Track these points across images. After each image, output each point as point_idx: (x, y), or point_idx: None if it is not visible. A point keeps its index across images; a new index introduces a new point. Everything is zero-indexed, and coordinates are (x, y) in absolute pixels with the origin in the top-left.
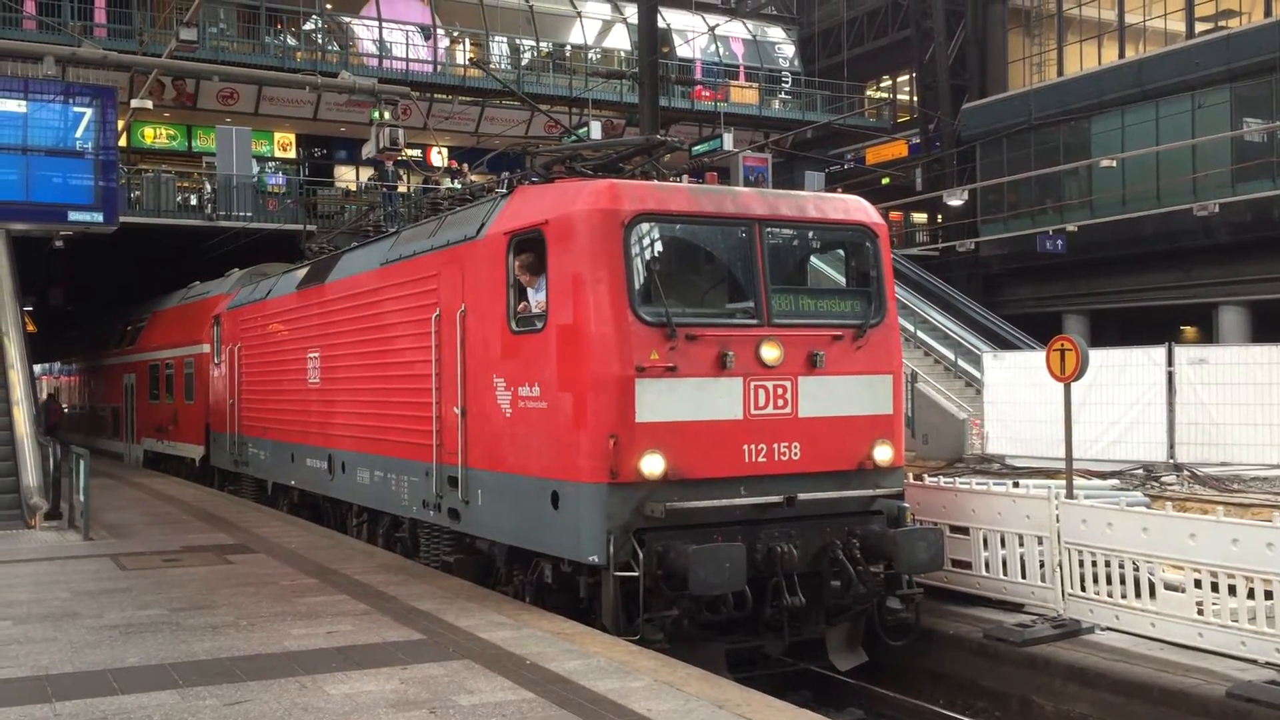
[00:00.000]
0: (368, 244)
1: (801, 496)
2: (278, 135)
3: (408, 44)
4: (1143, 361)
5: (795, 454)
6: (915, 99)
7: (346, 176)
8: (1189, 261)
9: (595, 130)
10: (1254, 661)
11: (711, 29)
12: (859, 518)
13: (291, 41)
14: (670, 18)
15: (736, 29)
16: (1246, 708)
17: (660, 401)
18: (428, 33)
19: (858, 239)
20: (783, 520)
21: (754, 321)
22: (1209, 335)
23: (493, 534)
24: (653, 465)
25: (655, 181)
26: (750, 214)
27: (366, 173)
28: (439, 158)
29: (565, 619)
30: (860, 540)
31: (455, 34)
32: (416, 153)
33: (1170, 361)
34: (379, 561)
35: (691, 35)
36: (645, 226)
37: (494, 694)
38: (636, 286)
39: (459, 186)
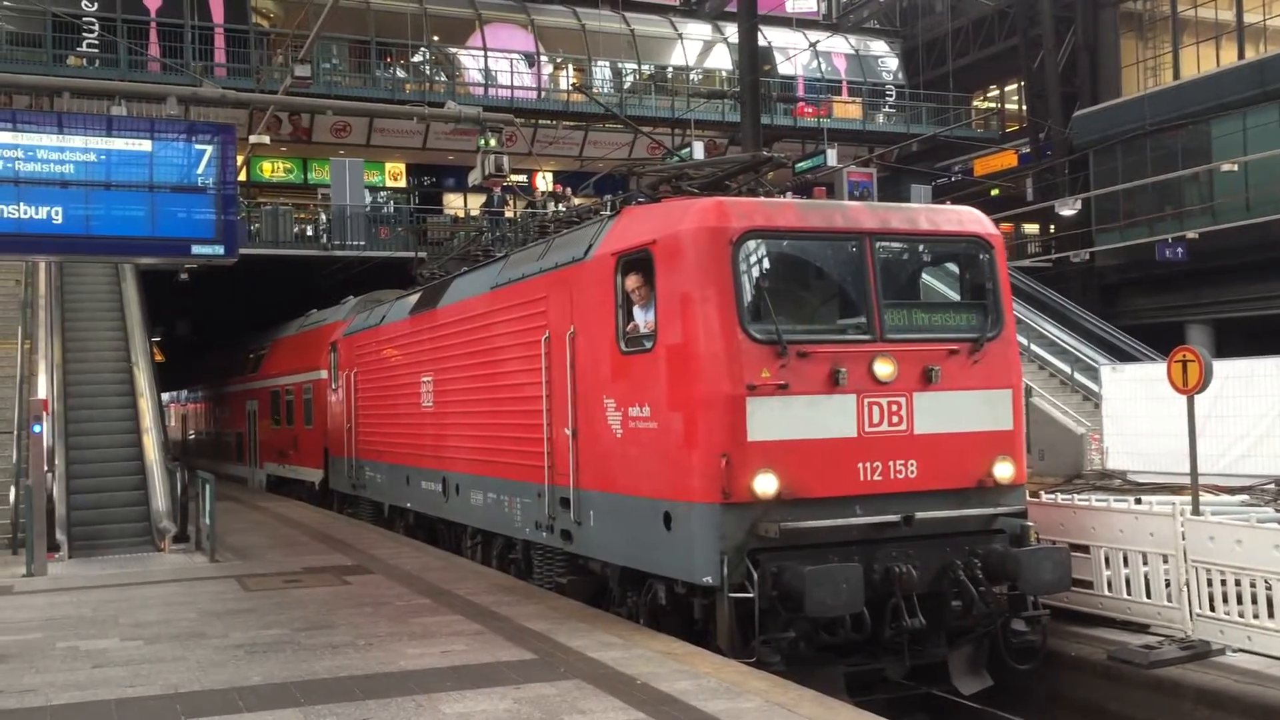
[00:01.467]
0: (477, 268)
1: (919, 515)
2: (389, 165)
3: (512, 72)
4: (1271, 371)
5: (912, 472)
6: (1024, 108)
7: (455, 203)
8: None
9: (698, 150)
10: None
11: (813, 45)
12: (980, 537)
13: (401, 74)
14: (771, 36)
15: (838, 44)
16: None
17: (772, 420)
18: (531, 60)
19: (972, 250)
20: (900, 540)
21: (866, 337)
22: None
23: (605, 555)
24: (765, 485)
25: (762, 198)
26: (860, 228)
27: (476, 199)
28: (544, 182)
29: (674, 639)
30: (982, 560)
31: (559, 60)
32: (522, 178)
33: None
34: (491, 582)
35: (793, 52)
36: (753, 244)
37: (605, 714)
38: (746, 304)
39: (562, 210)
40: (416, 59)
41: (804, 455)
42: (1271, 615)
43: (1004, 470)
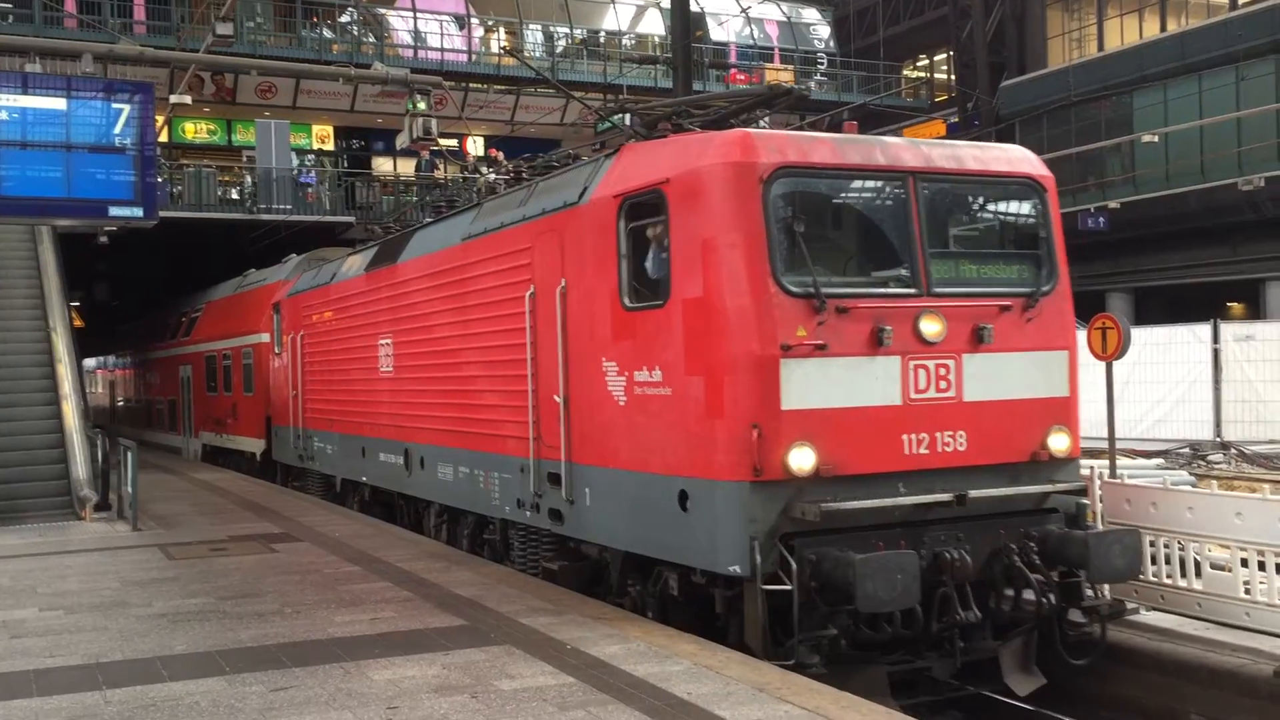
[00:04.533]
0: (445, 219)
1: (972, 494)
2: (316, 128)
3: (442, 34)
4: (1188, 339)
5: (961, 444)
6: (953, 78)
7: (384, 167)
8: (1235, 237)
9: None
10: None
11: (744, 10)
12: (1033, 517)
13: (328, 34)
14: (704, 1)
15: (771, 11)
16: None
17: (809, 385)
18: (462, 22)
19: (1024, 194)
20: (948, 521)
21: (911, 290)
22: (1256, 312)
23: (604, 538)
24: (802, 460)
25: (791, 131)
26: (903, 166)
27: (406, 164)
28: (475, 147)
29: (605, 604)
30: (1038, 543)
31: (490, 23)
32: (453, 142)
33: (1216, 339)
34: (422, 549)
35: (725, 18)
36: (786, 182)
37: (534, 678)
38: (778, 252)
39: (493, 177)
40: (344, 19)
41: (843, 426)
42: (1184, 575)
43: (1059, 442)
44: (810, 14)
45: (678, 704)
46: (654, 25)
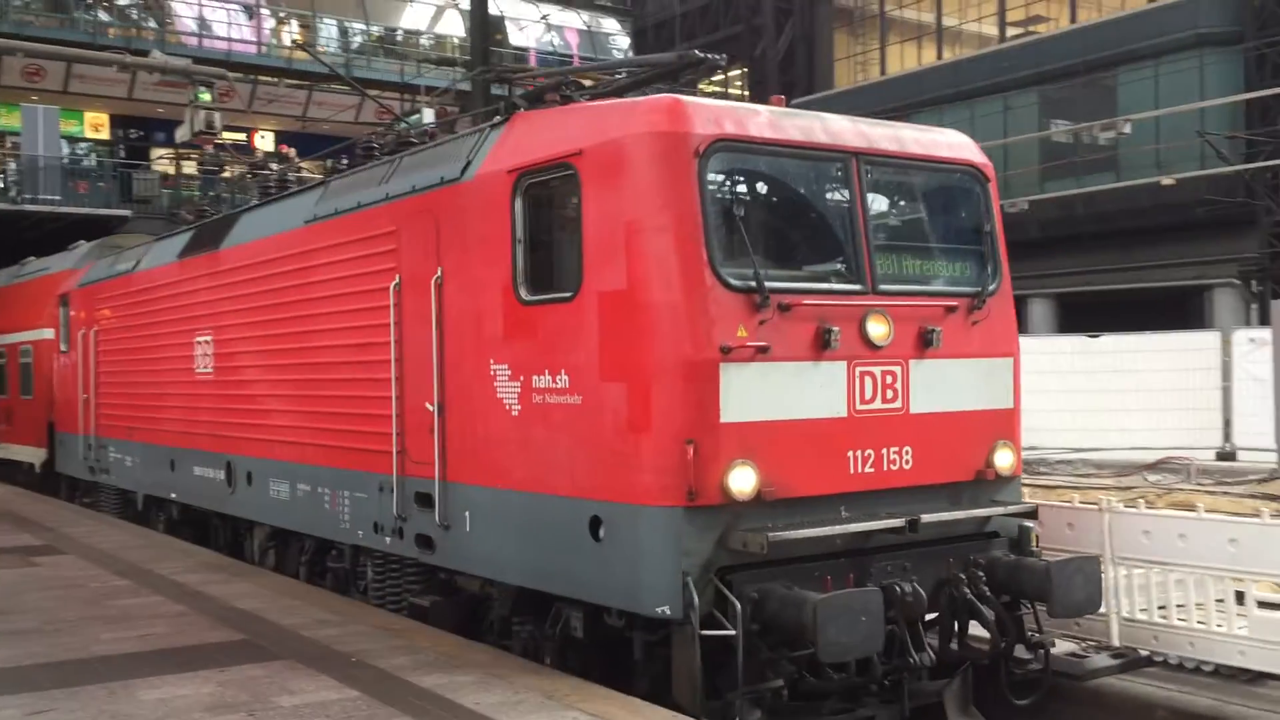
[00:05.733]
0: (282, 199)
1: (925, 518)
2: (89, 115)
3: (230, 23)
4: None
5: (906, 462)
6: (747, 95)
7: (165, 159)
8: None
9: (428, 116)
10: None
11: (544, 18)
12: (974, 543)
13: (104, 17)
14: (504, 5)
15: (571, 19)
16: None
17: (750, 394)
18: (251, 12)
19: (967, 182)
20: (892, 549)
21: (856, 287)
22: (1022, 326)
23: (489, 570)
24: (743, 481)
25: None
26: (846, 145)
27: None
28: (264, 142)
29: (392, 614)
30: (986, 572)
31: (281, 14)
32: (241, 136)
33: None
34: (199, 560)
35: (525, 24)
36: (724, 157)
37: (317, 693)
38: (716, 238)
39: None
40: (122, 1)
41: (785, 441)
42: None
43: (1004, 459)
44: (610, 24)
45: (465, 714)
46: (453, 26)
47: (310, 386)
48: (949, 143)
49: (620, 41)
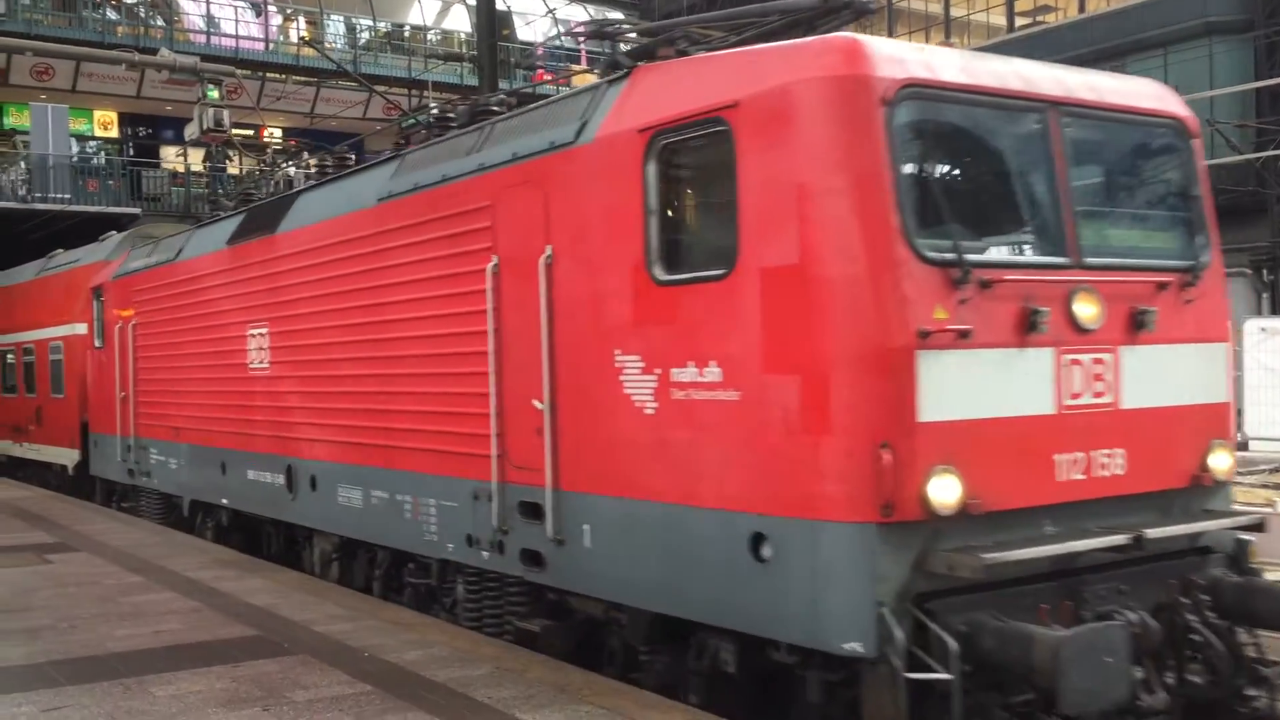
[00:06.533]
0: (345, 177)
1: (1150, 533)
2: (98, 113)
3: (237, 20)
4: None
5: (1119, 466)
6: None
7: (175, 157)
8: None
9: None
10: None
11: (551, 11)
12: (1189, 560)
13: (112, 15)
14: (511, 1)
15: (578, 12)
16: None
17: (950, 387)
18: (259, 9)
19: (1170, 139)
20: (1105, 570)
21: (1061, 260)
22: None
23: (614, 592)
24: (946, 491)
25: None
26: (1042, 94)
27: (198, 153)
28: (272, 138)
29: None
30: (1211, 594)
31: (289, 11)
32: (249, 133)
33: None
34: (212, 557)
35: (532, 18)
36: (915, 106)
37: (330, 687)
38: (909, 203)
39: (293, 170)
40: (131, 0)
41: (989, 444)
42: None
43: (1221, 461)
44: (617, 18)
45: (478, 708)
46: (460, 21)
47: (387, 383)
48: (1150, 92)
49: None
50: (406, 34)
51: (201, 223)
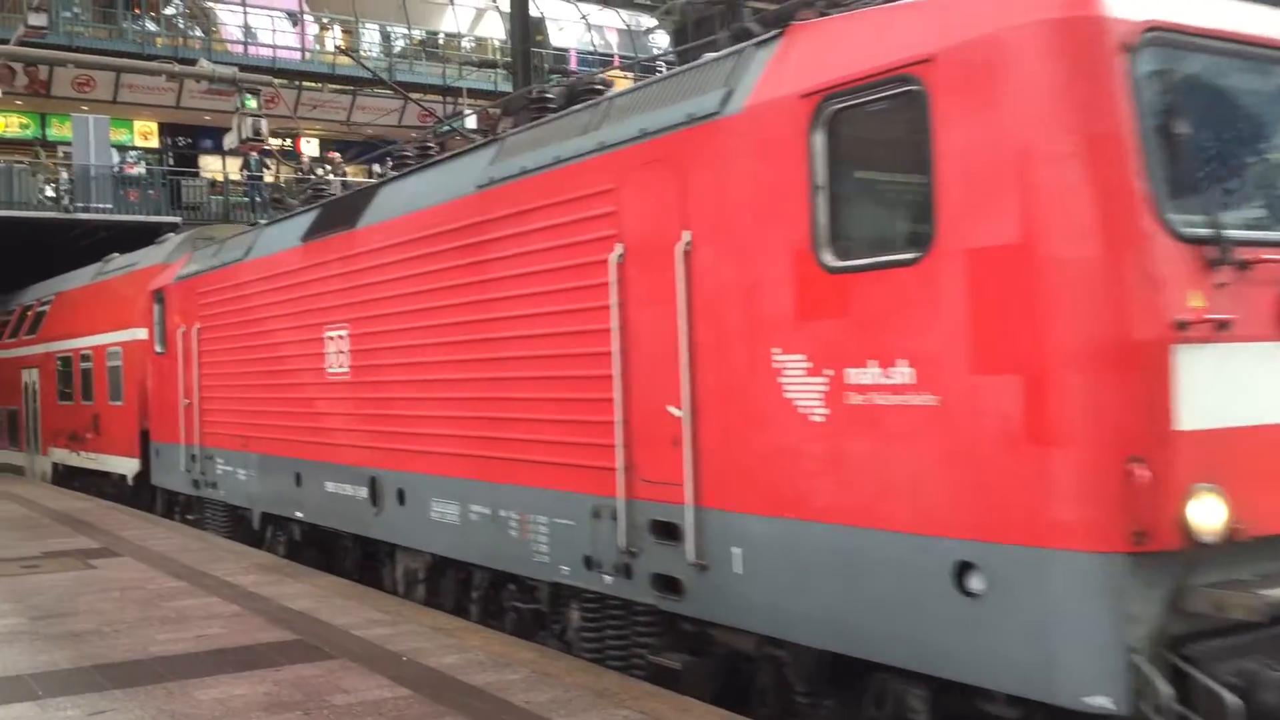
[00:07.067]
0: (435, 164)
1: None
2: (138, 124)
3: (274, 30)
4: None
5: None
6: None
7: (213, 166)
8: None
9: (471, 121)
10: None
11: (584, 17)
12: None
13: (152, 27)
14: (545, 6)
15: (611, 18)
16: None
17: (1210, 389)
18: (295, 18)
19: None
20: None
21: None
22: None
23: (771, 625)
24: (1211, 514)
25: None
26: None
27: (236, 162)
28: (309, 147)
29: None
30: None
31: (324, 20)
32: (285, 142)
33: None
34: (252, 561)
35: (565, 24)
36: (1160, 54)
37: (370, 691)
38: (1158, 169)
39: (331, 178)
40: (169, 10)
41: (1254, 455)
42: None
43: None
44: (650, 22)
45: (516, 712)
46: (494, 28)
47: (490, 388)
48: None
49: (661, 40)
50: (441, 41)
51: (270, 220)
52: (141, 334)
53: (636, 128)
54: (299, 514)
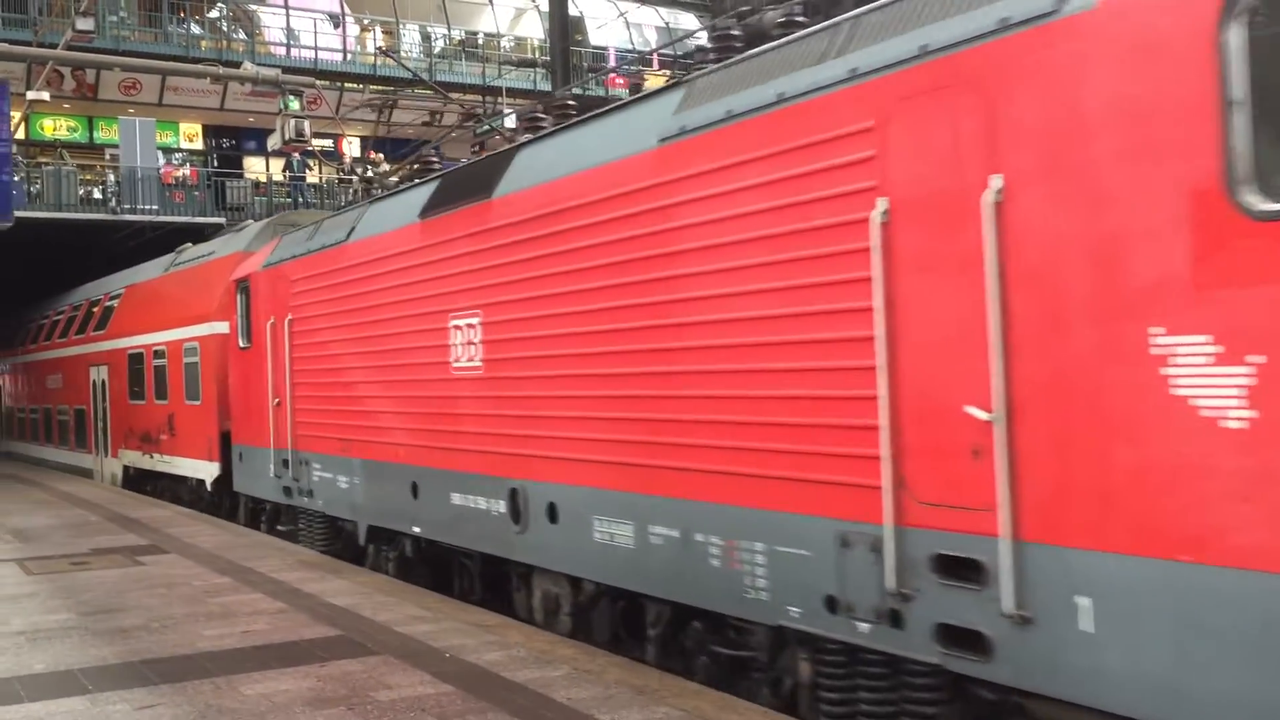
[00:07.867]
0: (587, 121)
1: None
2: (183, 126)
3: (316, 32)
4: None
5: None
6: None
7: (256, 168)
8: None
9: (510, 121)
10: None
11: (622, 15)
12: None
13: (196, 30)
14: (583, 5)
15: (649, 16)
16: None
17: None
18: (337, 20)
19: None
20: None
21: None
22: None
23: (1143, 707)
24: None
25: None
26: None
27: (279, 163)
28: (351, 148)
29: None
30: None
31: (365, 22)
32: (328, 143)
33: None
34: (296, 559)
35: (604, 23)
36: None
37: (412, 688)
38: None
39: (372, 178)
40: (213, 14)
41: None
42: None
43: None
44: (689, 20)
45: (558, 709)
46: (533, 28)
47: (679, 383)
48: None
49: (700, 37)
50: (480, 41)
51: (376, 196)
52: (222, 328)
53: (912, 46)
54: (416, 529)
